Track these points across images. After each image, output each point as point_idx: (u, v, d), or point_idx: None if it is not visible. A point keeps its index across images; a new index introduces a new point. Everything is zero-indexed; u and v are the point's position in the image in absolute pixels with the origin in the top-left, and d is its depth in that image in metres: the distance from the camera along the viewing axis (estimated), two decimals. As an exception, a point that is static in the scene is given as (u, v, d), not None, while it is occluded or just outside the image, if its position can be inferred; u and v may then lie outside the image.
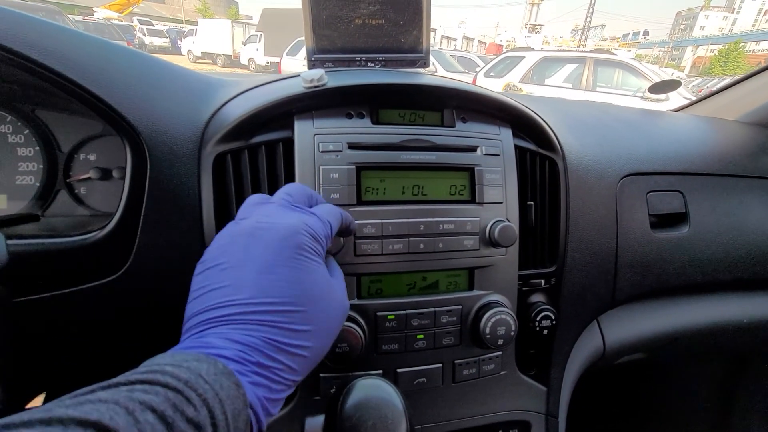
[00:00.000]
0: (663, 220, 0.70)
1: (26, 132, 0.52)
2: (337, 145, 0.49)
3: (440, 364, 0.53)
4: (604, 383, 1.14)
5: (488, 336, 0.50)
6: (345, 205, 0.48)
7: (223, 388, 0.24)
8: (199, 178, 0.48)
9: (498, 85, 6.07)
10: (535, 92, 5.77)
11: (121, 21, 22.69)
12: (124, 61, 0.48)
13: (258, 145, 0.50)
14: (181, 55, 20.73)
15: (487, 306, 0.52)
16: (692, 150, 0.76)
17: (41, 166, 0.52)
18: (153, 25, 25.31)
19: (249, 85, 0.57)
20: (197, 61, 19.53)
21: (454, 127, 0.54)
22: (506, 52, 6.83)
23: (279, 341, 0.28)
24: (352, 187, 0.48)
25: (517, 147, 0.57)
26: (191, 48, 19.78)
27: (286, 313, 0.29)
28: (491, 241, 0.52)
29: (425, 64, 0.63)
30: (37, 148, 0.52)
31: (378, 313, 0.49)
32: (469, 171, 0.53)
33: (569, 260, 0.60)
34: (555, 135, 0.59)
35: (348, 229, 0.43)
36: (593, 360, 0.69)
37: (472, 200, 0.53)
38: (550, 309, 0.57)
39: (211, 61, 19.36)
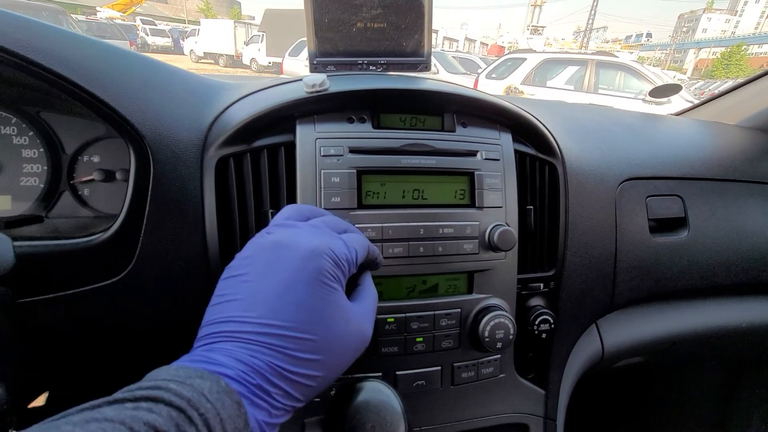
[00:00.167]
0: (662, 225, 0.71)
1: (31, 134, 0.52)
2: (339, 150, 0.49)
3: (439, 367, 0.53)
4: (603, 387, 1.14)
5: (487, 339, 0.51)
6: (345, 209, 0.48)
7: (225, 407, 0.24)
8: (202, 181, 0.48)
9: (500, 86, 6.07)
10: (536, 94, 5.77)
11: (124, 21, 22.77)
12: (128, 65, 0.49)
13: (260, 149, 0.50)
14: (184, 54, 20.78)
15: (486, 309, 0.52)
16: (692, 154, 0.76)
17: (45, 168, 0.53)
18: (156, 25, 25.40)
19: (251, 89, 0.58)
20: (199, 61, 19.59)
21: (455, 131, 0.54)
22: (508, 54, 6.84)
23: (282, 367, 0.28)
24: (353, 191, 0.49)
25: (516, 151, 0.57)
26: (193, 48, 19.84)
27: (293, 339, 0.29)
28: (491, 245, 0.52)
29: (426, 68, 0.63)
30: (42, 150, 0.53)
31: (378, 316, 0.50)
32: (469, 175, 0.53)
33: (568, 264, 0.61)
34: (555, 140, 0.60)
35: (374, 262, 0.41)
36: (592, 363, 0.69)
37: (472, 204, 0.53)
38: (549, 313, 0.58)
39: (213, 61, 19.41)
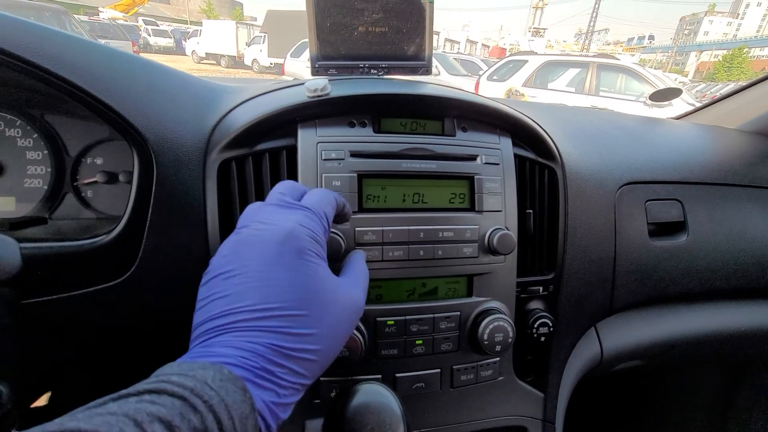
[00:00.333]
0: (661, 229, 0.71)
1: (35, 136, 0.53)
2: (340, 153, 0.50)
3: (438, 370, 0.53)
4: (602, 390, 1.14)
5: (486, 342, 0.51)
6: None
7: (229, 393, 0.24)
8: (204, 184, 0.48)
9: (501, 89, 6.07)
10: (537, 96, 5.77)
11: (126, 21, 22.83)
12: (132, 69, 0.49)
13: (262, 153, 0.51)
14: (186, 55, 20.83)
15: (486, 312, 0.53)
16: (691, 159, 0.76)
17: (49, 170, 0.53)
18: (158, 26, 25.49)
19: (253, 93, 0.58)
20: (201, 62, 19.64)
21: (455, 136, 0.55)
22: (509, 56, 6.84)
23: (282, 346, 0.29)
24: (354, 194, 0.49)
25: (516, 156, 0.58)
26: (195, 48, 19.88)
27: (287, 317, 0.29)
28: (490, 249, 0.52)
29: (427, 72, 0.64)
30: (46, 152, 0.53)
31: (378, 319, 0.50)
32: (469, 180, 0.53)
33: (567, 268, 0.61)
34: (554, 144, 0.60)
35: (343, 212, 0.42)
36: (591, 367, 0.69)
37: (472, 208, 0.53)
38: (548, 316, 0.58)
39: (215, 62, 19.44)
